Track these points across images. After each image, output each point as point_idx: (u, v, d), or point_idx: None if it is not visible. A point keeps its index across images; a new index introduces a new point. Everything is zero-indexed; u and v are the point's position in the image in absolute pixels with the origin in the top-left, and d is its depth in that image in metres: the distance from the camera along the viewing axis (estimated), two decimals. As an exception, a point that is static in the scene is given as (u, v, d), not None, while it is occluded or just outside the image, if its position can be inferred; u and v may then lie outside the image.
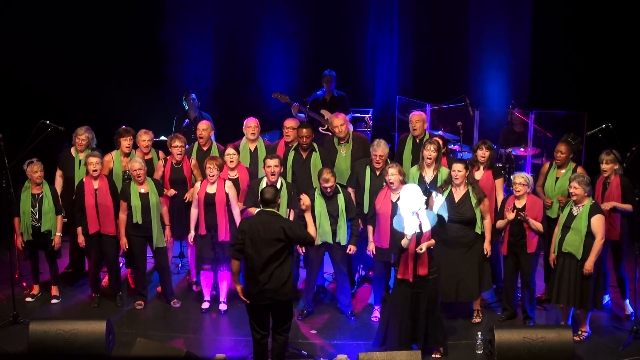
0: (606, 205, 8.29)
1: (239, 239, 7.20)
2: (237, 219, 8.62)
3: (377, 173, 8.72)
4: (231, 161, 8.86)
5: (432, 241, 7.51)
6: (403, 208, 7.37)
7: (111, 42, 12.04)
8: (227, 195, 8.63)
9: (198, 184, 8.76)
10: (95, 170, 8.65)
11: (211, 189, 8.63)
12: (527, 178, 8.25)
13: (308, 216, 7.65)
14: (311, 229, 7.45)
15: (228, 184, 8.71)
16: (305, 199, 7.75)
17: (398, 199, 8.13)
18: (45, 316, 8.51)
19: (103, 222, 8.71)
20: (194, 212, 8.74)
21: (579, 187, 7.90)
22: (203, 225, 8.65)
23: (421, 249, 7.42)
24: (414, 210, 7.34)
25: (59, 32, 11.65)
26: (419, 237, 7.45)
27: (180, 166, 9.16)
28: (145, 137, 9.31)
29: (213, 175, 8.58)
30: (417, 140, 9.28)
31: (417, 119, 9.34)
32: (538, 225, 8.15)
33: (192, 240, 8.76)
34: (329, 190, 8.34)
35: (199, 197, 8.66)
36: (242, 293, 7.22)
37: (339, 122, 9.28)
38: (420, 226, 7.40)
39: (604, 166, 8.47)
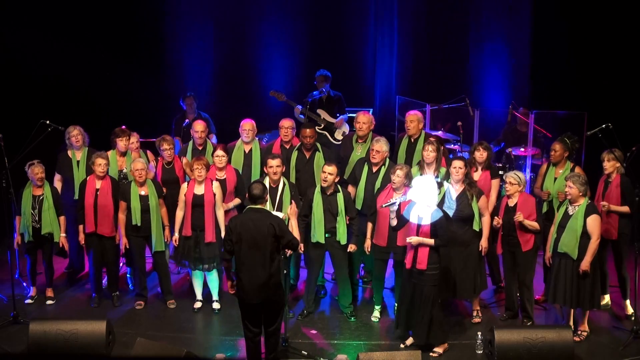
0: (603, 206, 8.29)
1: (228, 239, 7.20)
2: (221, 220, 8.65)
3: (374, 170, 8.73)
4: (220, 162, 8.87)
5: (428, 240, 7.49)
6: (415, 195, 7.61)
7: (111, 42, 12.04)
8: (214, 195, 8.63)
9: (184, 185, 8.74)
10: (102, 172, 8.68)
11: (199, 190, 8.63)
12: (517, 177, 8.24)
13: (293, 220, 7.74)
14: (295, 233, 7.45)
15: (215, 184, 8.71)
16: (293, 206, 7.90)
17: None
18: (45, 316, 8.51)
19: (100, 222, 8.70)
20: (179, 214, 8.71)
21: (573, 187, 7.90)
22: (189, 226, 8.64)
23: (411, 239, 7.52)
24: (396, 202, 7.74)
25: (58, 32, 11.64)
26: (418, 229, 7.55)
27: (171, 166, 9.18)
28: (133, 140, 9.38)
29: (201, 175, 8.59)
30: (412, 140, 9.29)
31: (412, 119, 9.31)
32: (534, 225, 8.15)
33: (176, 242, 8.76)
34: (327, 184, 8.35)
35: (185, 199, 8.64)
36: (232, 287, 7.29)
37: (363, 120, 9.23)
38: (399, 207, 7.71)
39: (605, 164, 8.48)
